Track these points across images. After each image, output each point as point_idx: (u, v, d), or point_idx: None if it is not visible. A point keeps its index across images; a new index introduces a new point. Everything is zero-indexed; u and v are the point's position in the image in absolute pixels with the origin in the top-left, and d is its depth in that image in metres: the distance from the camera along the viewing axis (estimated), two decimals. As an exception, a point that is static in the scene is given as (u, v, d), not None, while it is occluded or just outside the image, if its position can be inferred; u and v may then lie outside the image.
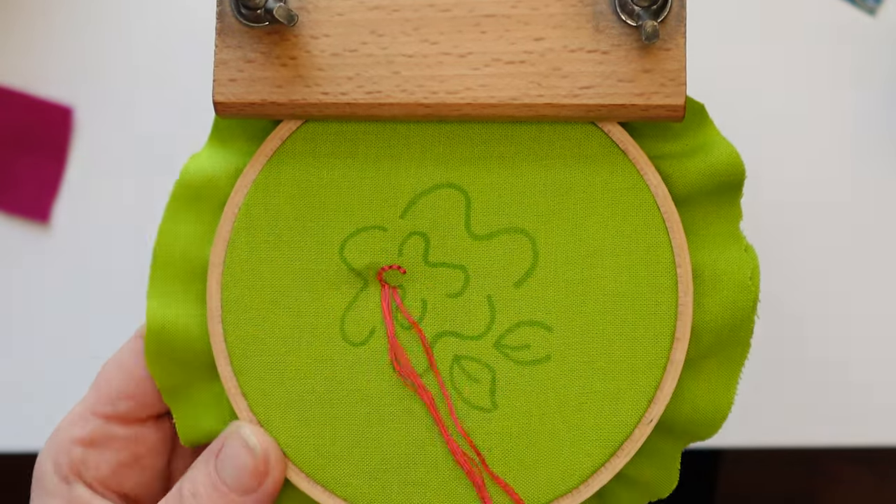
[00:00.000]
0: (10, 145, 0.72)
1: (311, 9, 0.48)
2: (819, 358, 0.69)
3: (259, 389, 0.50)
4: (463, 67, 0.48)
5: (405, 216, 0.50)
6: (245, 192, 0.50)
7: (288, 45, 0.48)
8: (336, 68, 0.48)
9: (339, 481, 0.50)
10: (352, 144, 0.50)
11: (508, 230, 0.50)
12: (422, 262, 0.50)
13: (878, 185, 0.69)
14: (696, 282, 0.50)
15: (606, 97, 0.48)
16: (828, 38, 0.69)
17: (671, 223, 0.49)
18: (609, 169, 0.49)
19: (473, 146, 0.50)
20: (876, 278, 0.69)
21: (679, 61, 0.48)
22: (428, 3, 0.48)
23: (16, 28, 0.72)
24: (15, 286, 0.72)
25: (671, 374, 0.49)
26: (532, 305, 0.50)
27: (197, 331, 0.50)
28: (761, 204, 0.69)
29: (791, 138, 0.70)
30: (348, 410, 0.50)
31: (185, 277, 0.51)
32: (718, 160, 0.50)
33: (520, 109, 0.48)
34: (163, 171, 0.71)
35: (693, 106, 0.50)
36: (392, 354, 0.50)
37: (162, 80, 0.72)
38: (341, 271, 0.50)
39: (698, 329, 0.50)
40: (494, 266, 0.50)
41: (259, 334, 0.50)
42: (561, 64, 0.48)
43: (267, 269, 0.50)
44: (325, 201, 0.50)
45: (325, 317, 0.50)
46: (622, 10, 0.48)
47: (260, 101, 0.48)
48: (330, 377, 0.50)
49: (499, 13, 0.48)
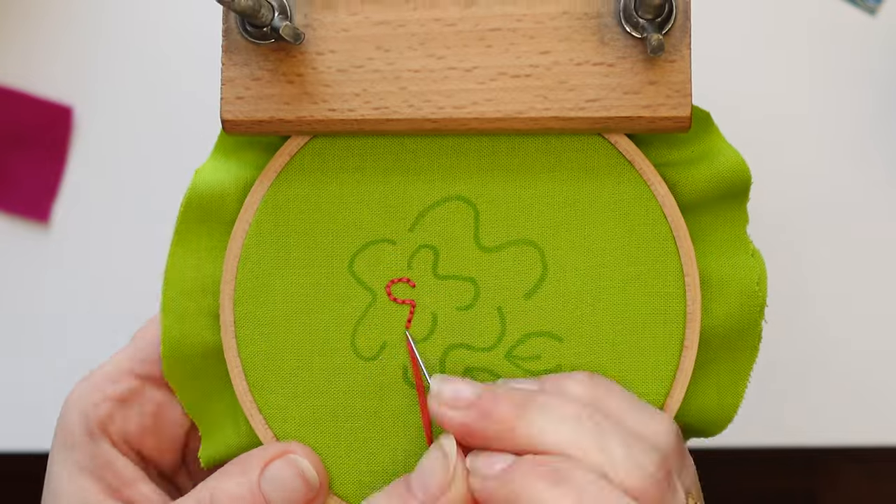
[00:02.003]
0: (10, 145, 0.72)
1: (317, 25, 0.48)
2: (819, 359, 0.70)
3: (274, 404, 0.50)
4: (469, 82, 0.48)
5: (414, 229, 0.50)
6: (254, 208, 0.50)
7: (294, 61, 0.48)
8: (343, 84, 0.48)
9: (355, 493, 0.50)
10: (360, 159, 0.50)
11: (517, 242, 0.50)
12: (431, 275, 0.50)
13: (879, 185, 0.70)
14: (704, 288, 0.50)
15: (613, 109, 0.48)
16: (828, 38, 0.69)
17: (679, 233, 0.50)
18: (616, 180, 0.50)
19: (481, 159, 0.50)
20: (877, 279, 0.70)
21: (684, 73, 0.48)
22: (433, 17, 0.48)
23: (16, 28, 0.72)
24: (15, 286, 0.72)
25: (680, 383, 0.50)
26: (542, 316, 0.50)
27: (212, 346, 0.51)
28: (760, 205, 0.69)
29: (791, 138, 0.70)
30: (362, 424, 0.50)
31: (199, 294, 0.51)
32: (725, 167, 0.50)
33: (526, 123, 0.48)
34: (162, 170, 0.71)
35: (698, 113, 0.50)
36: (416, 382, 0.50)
37: (162, 79, 0.71)
38: (351, 285, 0.50)
39: (706, 334, 0.50)
40: (504, 278, 0.50)
41: (272, 349, 0.50)
42: (567, 77, 0.48)
43: (278, 285, 0.50)
44: (334, 216, 0.50)
45: (337, 331, 0.50)
46: (627, 23, 0.48)
47: (268, 118, 0.48)
48: (343, 391, 0.50)
49: (504, 27, 0.48)
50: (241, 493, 0.48)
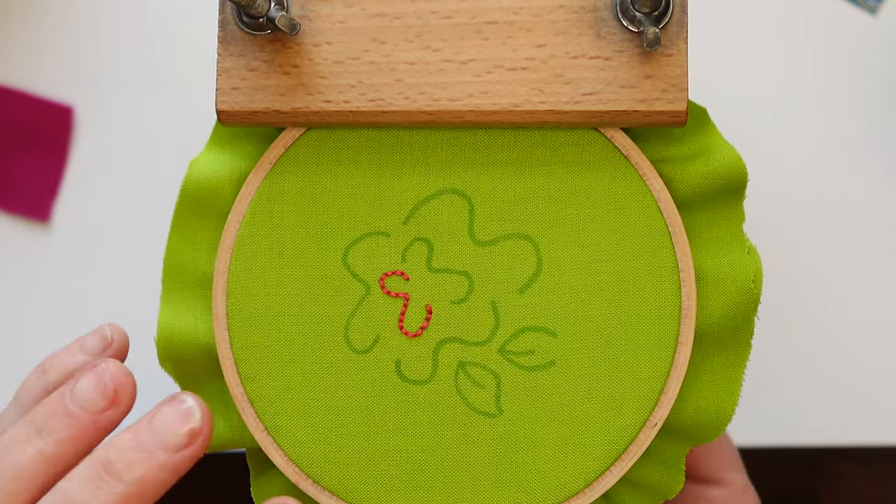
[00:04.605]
0: (11, 145, 0.72)
1: (313, 17, 0.48)
2: (819, 358, 0.69)
3: (266, 397, 0.50)
4: (465, 74, 0.48)
5: (408, 222, 0.50)
6: (249, 200, 0.50)
7: (290, 53, 0.48)
8: (338, 76, 0.48)
9: (347, 487, 0.50)
10: (355, 151, 0.50)
11: (512, 236, 0.50)
12: (425, 269, 0.50)
13: (878, 184, 0.69)
14: (699, 284, 0.50)
15: (609, 103, 0.48)
16: (828, 38, 0.69)
17: (674, 228, 0.49)
18: (612, 174, 0.50)
19: (476, 152, 0.50)
20: (876, 278, 0.69)
21: (681, 67, 0.48)
22: (430, 9, 0.48)
23: (16, 28, 0.72)
24: (15, 286, 0.72)
25: (675, 379, 0.49)
26: (536, 311, 0.50)
27: (204, 338, 0.50)
28: (760, 204, 0.69)
29: (789, 137, 0.70)
30: (354, 417, 0.50)
31: (194, 285, 0.51)
32: (721, 163, 0.50)
33: (522, 116, 0.48)
34: (163, 170, 0.71)
35: (695, 110, 0.50)
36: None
37: (162, 79, 0.72)
38: (345, 278, 0.50)
39: (701, 331, 0.50)
40: (498, 272, 0.50)
41: (265, 341, 0.50)
42: (563, 70, 0.48)
43: (272, 277, 0.50)
44: (328, 208, 0.50)
45: (330, 324, 0.50)
46: (624, 17, 0.48)
47: (263, 109, 0.48)
48: (335, 384, 0.50)
49: (501, 20, 0.48)
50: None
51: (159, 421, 0.44)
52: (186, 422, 0.44)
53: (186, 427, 0.44)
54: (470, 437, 0.50)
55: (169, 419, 0.44)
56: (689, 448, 0.51)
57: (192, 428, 0.44)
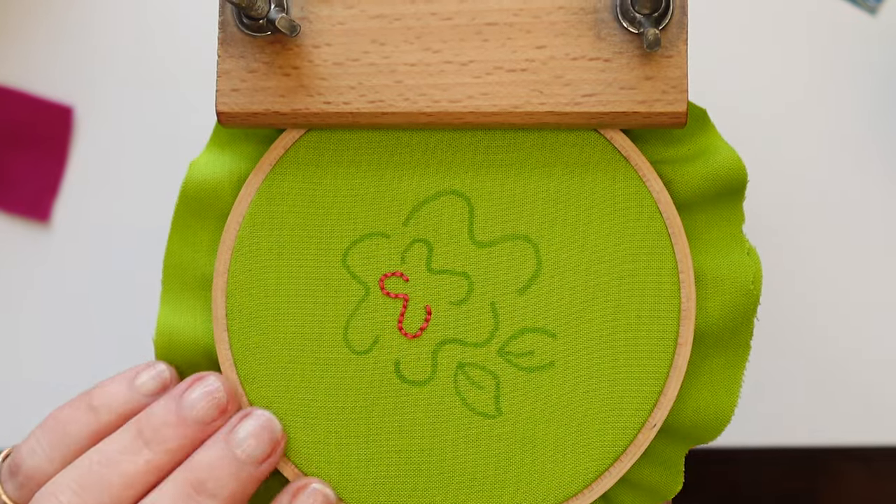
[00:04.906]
0: (11, 145, 0.72)
1: (313, 18, 0.48)
2: (819, 358, 0.69)
3: (265, 398, 0.50)
4: (465, 76, 0.48)
5: (408, 223, 0.50)
6: (248, 201, 0.50)
7: (290, 54, 0.48)
8: (338, 77, 0.48)
9: (346, 488, 0.50)
10: (355, 152, 0.50)
11: (512, 237, 0.50)
12: (425, 270, 0.50)
13: (878, 184, 0.69)
14: (699, 286, 0.50)
15: (608, 105, 0.48)
16: (827, 39, 0.69)
17: (674, 229, 0.50)
18: (611, 176, 0.50)
19: (476, 153, 0.50)
20: (876, 278, 0.69)
21: (681, 68, 0.48)
22: (430, 11, 0.48)
23: (16, 28, 0.72)
24: (15, 286, 0.72)
25: (674, 380, 0.49)
26: (536, 312, 0.50)
27: (204, 339, 0.51)
28: (760, 204, 0.69)
29: (789, 137, 0.70)
30: (353, 418, 0.50)
31: (194, 286, 0.51)
32: (721, 165, 0.50)
33: (522, 117, 0.48)
34: (163, 171, 0.71)
35: (695, 111, 0.50)
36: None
37: (162, 79, 0.72)
38: (344, 279, 0.50)
39: (700, 332, 0.50)
40: (498, 273, 0.50)
41: (264, 342, 0.50)
42: (563, 72, 0.48)
43: (271, 278, 0.50)
44: (328, 209, 0.50)
45: (329, 325, 0.50)
46: (624, 18, 0.48)
47: (263, 110, 0.48)
48: (334, 386, 0.50)
49: (501, 21, 0.48)
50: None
51: (244, 435, 0.47)
52: (270, 433, 0.48)
53: (270, 438, 0.48)
54: (469, 438, 0.50)
55: (255, 432, 0.48)
56: (689, 449, 0.51)
57: (275, 438, 0.48)
